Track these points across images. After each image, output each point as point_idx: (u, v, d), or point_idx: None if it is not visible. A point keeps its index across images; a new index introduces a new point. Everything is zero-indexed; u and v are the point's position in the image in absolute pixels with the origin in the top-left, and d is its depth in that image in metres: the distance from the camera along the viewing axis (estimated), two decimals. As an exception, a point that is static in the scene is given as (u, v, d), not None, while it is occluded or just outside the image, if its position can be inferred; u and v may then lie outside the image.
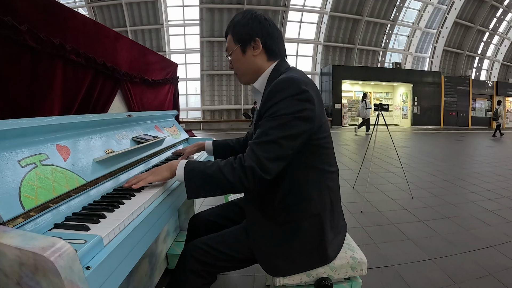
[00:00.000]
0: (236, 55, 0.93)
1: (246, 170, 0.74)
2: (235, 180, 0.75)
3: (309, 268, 0.88)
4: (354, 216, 2.42)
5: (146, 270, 1.32)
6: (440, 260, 1.71)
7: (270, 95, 0.79)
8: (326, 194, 0.88)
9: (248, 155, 0.76)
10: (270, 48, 0.92)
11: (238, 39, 0.91)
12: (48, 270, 0.42)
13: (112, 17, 13.40)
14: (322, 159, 0.86)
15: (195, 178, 0.78)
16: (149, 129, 1.37)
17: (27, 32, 0.81)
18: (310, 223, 0.86)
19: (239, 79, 0.99)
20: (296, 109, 0.76)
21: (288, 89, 0.77)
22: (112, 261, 0.55)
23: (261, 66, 0.92)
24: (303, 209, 0.86)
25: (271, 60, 0.93)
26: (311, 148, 0.83)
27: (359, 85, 14.06)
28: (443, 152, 6.02)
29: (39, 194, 0.62)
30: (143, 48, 1.61)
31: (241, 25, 0.90)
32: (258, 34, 0.89)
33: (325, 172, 0.87)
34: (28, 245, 0.44)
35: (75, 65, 1.03)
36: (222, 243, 0.88)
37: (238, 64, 0.94)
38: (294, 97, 0.76)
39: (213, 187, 0.78)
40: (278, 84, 0.79)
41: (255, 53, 0.91)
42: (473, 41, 16.05)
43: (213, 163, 0.79)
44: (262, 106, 0.82)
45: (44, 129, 0.74)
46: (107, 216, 0.65)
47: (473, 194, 3.02)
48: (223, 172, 0.76)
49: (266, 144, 0.76)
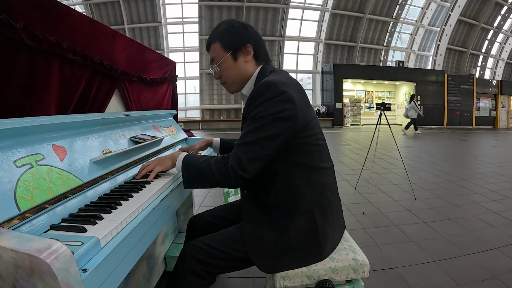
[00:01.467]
0: (227, 63, 0.96)
1: (228, 169, 0.82)
2: (220, 177, 0.83)
3: (303, 265, 0.89)
4: (356, 217, 2.42)
5: (144, 273, 1.32)
6: (444, 262, 1.71)
7: (251, 100, 0.85)
8: (321, 190, 0.91)
9: (231, 155, 0.84)
10: (258, 53, 0.97)
11: (229, 46, 0.94)
12: (44, 273, 0.42)
13: (110, 15, 13.39)
14: (312, 157, 0.90)
15: (190, 171, 0.88)
16: (147, 129, 1.37)
17: (23, 30, 0.81)
18: (302, 219, 0.88)
19: (228, 88, 1.03)
20: (275, 111, 0.81)
21: (266, 93, 0.82)
22: (110, 263, 0.54)
23: (250, 71, 0.97)
24: (296, 206, 0.89)
25: (258, 64, 0.99)
26: (298, 146, 0.87)
27: (361, 84, 14.06)
28: (446, 152, 6.02)
29: (35, 195, 0.62)
30: (141, 46, 1.61)
31: (230, 32, 0.94)
32: (249, 40, 0.94)
33: (317, 168, 0.90)
34: (24, 247, 0.43)
35: (71, 64, 1.03)
36: (220, 242, 0.90)
37: (229, 72, 0.97)
38: (272, 100, 0.81)
39: (204, 181, 0.87)
40: (258, 88, 0.85)
41: (247, 59, 0.96)
42: (477, 39, 16.04)
43: (205, 159, 0.87)
44: (245, 109, 0.88)
45: (40, 128, 0.74)
46: (104, 217, 0.65)
47: (477, 195, 3.02)
48: (211, 170, 0.84)
49: (247, 145, 0.82)
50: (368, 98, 14.33)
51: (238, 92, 1.03)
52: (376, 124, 3.11)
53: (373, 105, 8.92)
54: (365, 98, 14.28)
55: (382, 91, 14.50)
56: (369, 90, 14.36)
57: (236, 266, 0.93)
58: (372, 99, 14.32)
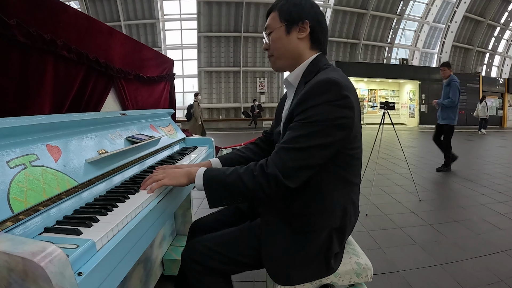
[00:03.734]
0: (279, 33, 0.88)
1: (269, 177, 0.73)
2: (255, 187, 0.74)
3: (315, 278, 0.88)
4: (358, 219, 2.40)
5: (141, 276, 1.32)
6: (449, 266, 1.71)
7: (306, 97, 0.76)
8: (349, 208, 0.87)
9: (272, 160, 0.75)
10: (316, 35, 0.88)
11: (286, 17, 0.86)
12: (38, 276, 0.42)
13: (106, 11, 13.41)
14: (352, 171, 0.85)
15: (215, 187, 0.79)
16: (144, 128, 1.37)
17: (16, 27, 0.81)
18: (325, 236, 0.85)
19: (273, 63, 0.94)
20: (334, 116, 0.73)
21: (327, 93, 0.74)
22: (105, 266, 0.54)
23: (302, 52, 0.89)
24: (322, 221, 0.84)
25: (314, 49, 0.90)
26: (343, 158, 0.81)
27: (363, 83, 14.07)
28: (452, 152, 6.00)
29: (28, 196, 0.62)
30: (138, 43, 1.61)
31: (293, 3, 0.87)
32: (308, 17, 0.86)
33: (352, 184, 0.87)
34: (17, 250, 0.43)
35: (66, 61, 1.03)
36: (227, 246, 0.88)
37: (278, 44, 0.89)
38: (333, 103, 0.73)
39: (234, 196, 0.78)
40: (317, 85, 0.76)
41: (300, 36, 0.87)
42: (483, 36, 16.06)
43: (232, 170, 0.79)
44: (295, 106, 0.78)
45: (34, 128, 0.74)
46: (100, 219, 0.65)
47: (483, 197, 3.02)
48: (243, 180, 0.75)
49: (295, 151, 0.74)
50: (371, 97, 14.34)
51: (282, 71, 0.95)
52: (379, 124, 3.11)
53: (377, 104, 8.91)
54: (368, 97, 14.29)
55: (385, 89, 14.51)
56: (372, 89, 14.37)
57: (237, 269, 0.92)
58: (375, 98, 14.33)
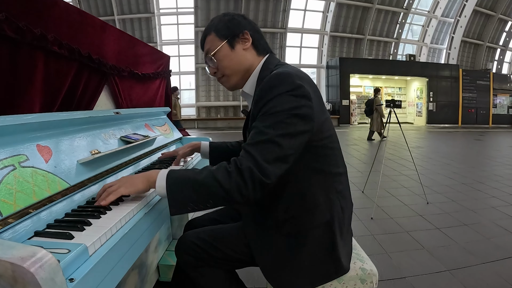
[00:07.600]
0: (223, 51, 0.91)
1: (243, 172, 0.70)
2: (231, 186, 0.70)
3: (326, 281, 0.87)
4: (363, 223, 2.42)
5: (135, 283, 1.32)
6: (458, 272, 1.71)
7: (261, 94, 0.78)
8: (335, 199, 0.87)
9: (243, 157, 0.73)
10: (257, 42, 0.94)
11: (225, 33, 0.90)
12: (28, 283, 0.42)
13: (98, 5, 13.39)
14: (327, 161, 0.86)
15: (180, 188, 0.73)
16: (139, 127, 1.37)
17: (5, 21, 0.81)
18: (319, 233, 0.85)
19: (227, 82, 0.96)
20: (292, 106, 0.75)
21: (281, 85, 0.76)
22: (98, 272, 0.55)
23: (251, 62, 0.93)
24: (310, 219, 0.85)
25: (261, 55, 0.94)
26: (313, 149, 0.82)
27: (369, 80, 14.07)
28: (461, 153, 6.02)
29: (18, 199, 0.62)
30: (132, 38, 1.61)
31: (226, 21, 0.92)
32: (246, 27, 0.92)
33: (332, 175, 0.87)
34: (6, 255, 0.43)
35: (57, 57, 1.03)
36: (219, 240, 0.92)
37: (227, 62, 0.91)
38: (289, 93, 0.75)
39: (204, 197, 0.72)
40: (270, 80, 0.79)
41: (245, 47, 0.92)
42: (494, 31, 16.05)
43: (202, 168, 0.76)
44: (254, 107, 0.81)
45: (23, 127, 0.74)
46: (93, 223, 0.65)
47: (494, 199, 3.02)
48: (216, 178, 0.71)
49: (262, 143, 0.73)
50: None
51: (238, 88, 0.97)
52: (385, 123, 3.11)
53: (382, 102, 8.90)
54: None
55: (392, 87, 14.51)
56: (378, 86, 14.36)
57: (234, 265, 0.96)
58: (381, 96, 14.33)
